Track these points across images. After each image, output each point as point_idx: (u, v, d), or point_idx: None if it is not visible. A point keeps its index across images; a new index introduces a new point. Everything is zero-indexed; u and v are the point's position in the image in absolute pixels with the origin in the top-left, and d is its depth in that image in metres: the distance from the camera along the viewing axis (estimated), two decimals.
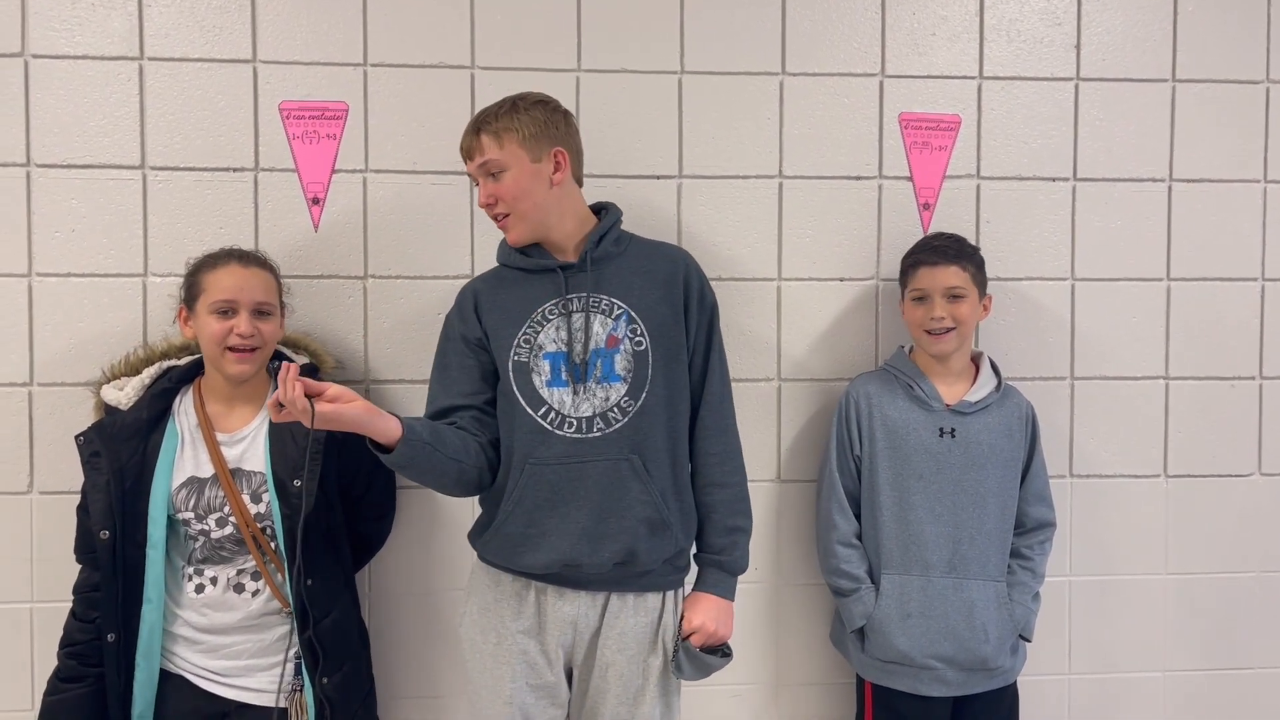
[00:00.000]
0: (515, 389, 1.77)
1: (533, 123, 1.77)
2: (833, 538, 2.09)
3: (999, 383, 2.13)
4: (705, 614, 1.81)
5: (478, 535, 1.86)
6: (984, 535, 2.04)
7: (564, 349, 1.77)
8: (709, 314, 1.88)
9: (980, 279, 2.09)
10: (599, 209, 1.91)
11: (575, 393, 1.76)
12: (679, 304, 1.84)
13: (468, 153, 1.81)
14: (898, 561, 2.05)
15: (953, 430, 2.06)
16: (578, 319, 1.78)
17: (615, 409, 1.77)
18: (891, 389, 2.11)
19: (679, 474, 1.83)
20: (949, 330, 2.04)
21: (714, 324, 1.90)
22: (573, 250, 1.84)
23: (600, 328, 1.79)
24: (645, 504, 1.76)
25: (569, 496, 1.74)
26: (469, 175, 1.86)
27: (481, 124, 1.79)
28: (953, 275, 2.05)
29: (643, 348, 1.79)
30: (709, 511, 1.85)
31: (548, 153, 1.78)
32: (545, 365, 1.77)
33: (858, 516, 2.11)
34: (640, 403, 1.77)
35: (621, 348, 1.78)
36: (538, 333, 1.79)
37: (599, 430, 1.76)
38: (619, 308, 1.80)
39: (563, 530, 1.73)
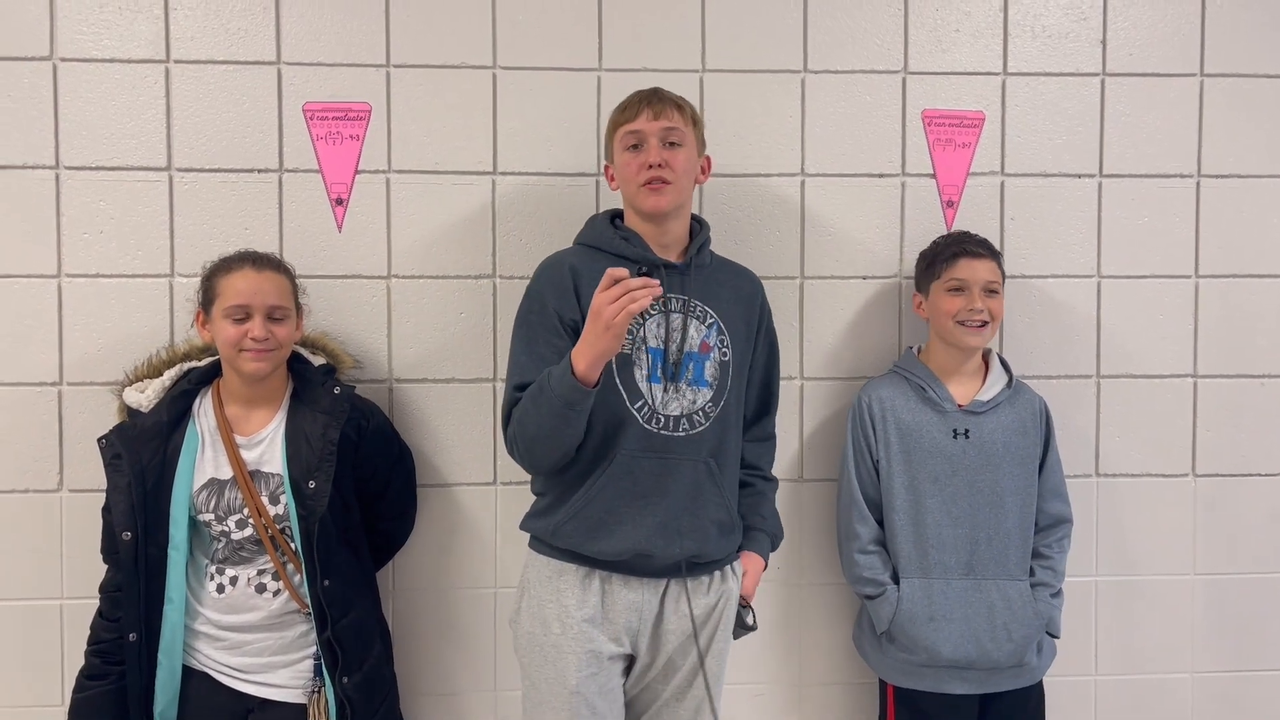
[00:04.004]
0: (616, 379, 1.77)
1: (701, 123, 1.93)
2: (853, 547, 2.08)
3: (1010, 379, 2.11)
4: (755, 574, 1.92)
5: (544, 519, 1.83)
6: (1003, 535, 2.03)
7: (661, 346, 1.80)
8: (770, 335, 1.99)
9: (1004, 280, 2.10)
10: (692, 220, 1.95)
11: (665, 390, 1.79)
12: (754, 324, 1.93)
13: (656, 113, 1.81)
14: (916, 565, 2.04)
15: (966, 431, 2.05)
16: (675, 319, 1.81)
17: (700, 413, 1.81)
18: (904, 392, 2.10)
19: (736, 478, 1.91)
20: (985, 324, 2.03)
21: (774, 346, 2.01)
22: (674, 252, 1.87)
23: (695, 332, 1.83)
24: (718, 506, 1.82)
25: (651, 490, 1.77)
26: (629, 134, 1.83)
27: (674, 99, 1.85)
28: (991, 270, 2.06)
29: (727, 358, 1.85)
30: (764, 492, 1.98)
31: (704, 154, 1.93)
32: (646, 359, 1.79)
33: (879, 522, 2.10)
34: (720, 409, 1.82)
35: (712, 355, 1.83)
36: (641, 325, 1.80)
37: (684, 431, 1.79)
38: (711, 316, 1.85)
39: (640, 521, 1.76)
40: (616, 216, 1.92)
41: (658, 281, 1.63)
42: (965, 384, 2.10)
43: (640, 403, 1.78)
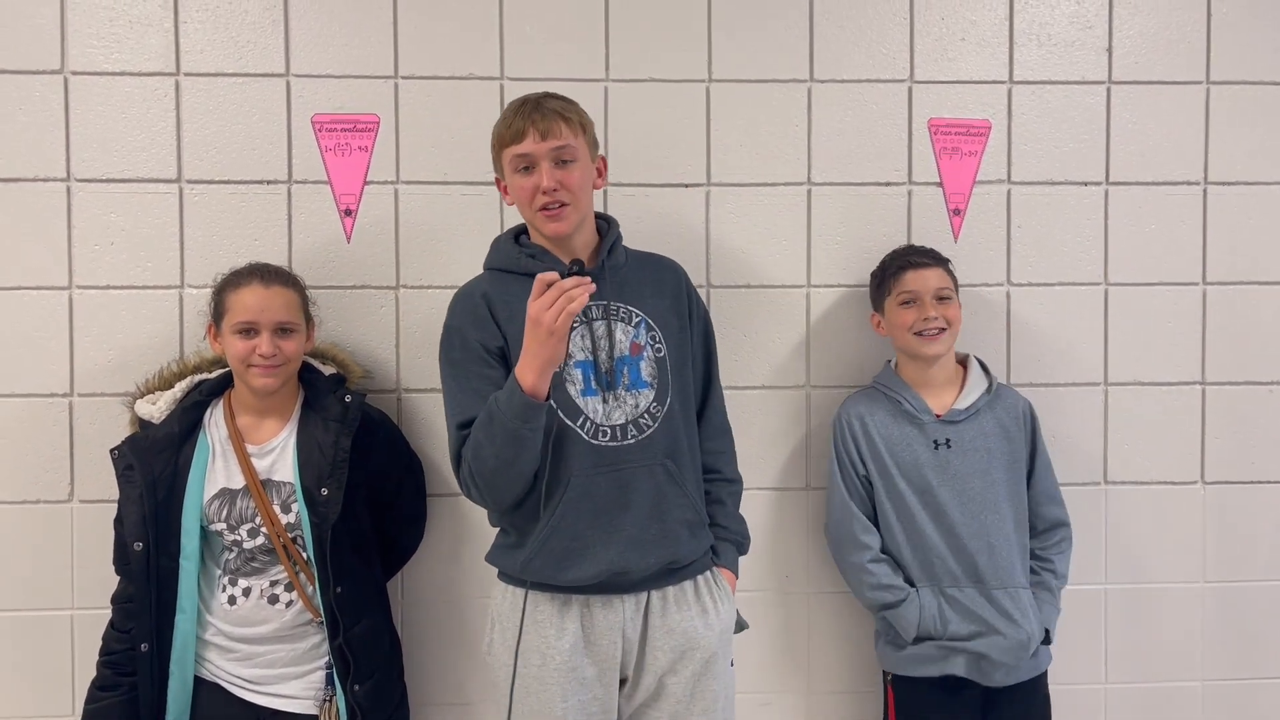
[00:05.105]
0: (551, 399, 1.70)
1: (592, 125, 1.83)
2: (865, 557, 2.06)
3: (989, 384, 2.10)
4: (731, 588, 1.88)
5: (511, 555, 1.79)
6: (1003, 538, 2.01)
7: (590, 357, 1.77)
8: (704, 321, 1.94)
9: (956, 286, 2.10)
10: (597, 219, 1.90)
11: (605, 401, 1.75)
12: (684, 312, 1.88)
13: (543, 133, 1.72)
14: (922, 577, 2.04)
15: (947, 441, 2.04)
16: (599, 326, 1.78)
17: (646, 415, 1.77)
18: (882, 407, 2.10)
19: (699, 474, 1.87)
20: (942, 330, 2.03)
21: (709, 330, 1.95)
22: (585, 257, 1.82)
23: (623, 335, 1.79)
24: (684, 506, 1.78)
25: (613, 505, 1.72)
26: (518, 158, 1.74)
27: (555, 107, 1.76)
28: (939, 277, 2.06)
29: (662, 354, 1.81)
30: (720, 498, 1.91)
31: (597, 157, 1.85)
32: (578, 374, 1.75)
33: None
34: (666, 408, 1.79)
35: (645, 354, 1.79)
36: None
37: (633, 437, 1.75)
38: (637, 315, 1.81)
39: (609, 540, 1.72)
40: (522, 233, 1.87)
41: (590, 279, 1.60)
42: (941, 393, 2.09)
43: (581, 419, 1.73)
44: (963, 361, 2.14)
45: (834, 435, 2.14)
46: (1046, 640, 2.04)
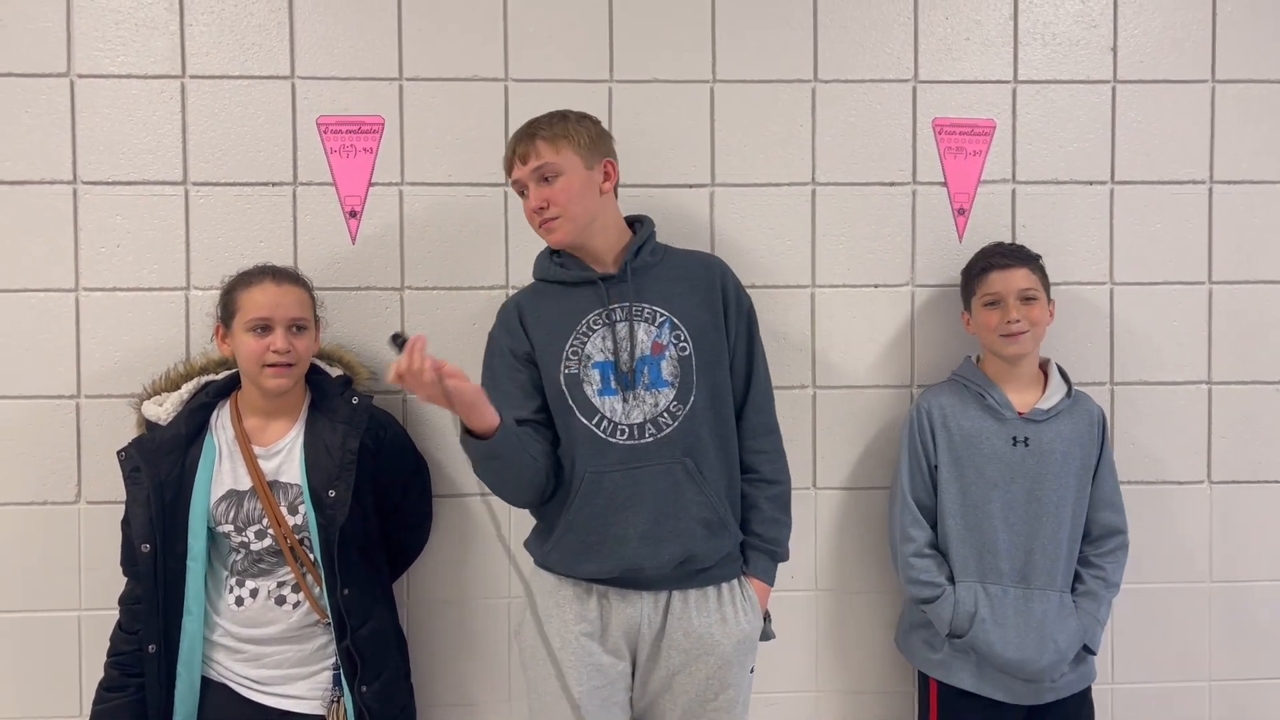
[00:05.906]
0: (569, 400, 1.80)
1: (586, 133, 1.85)
2: (909, 550, 2.07)
3: (1069, 389, 2.10)
4: (764, 598, 1.88)
5: (538, 544, 1.88)
6: (1055, 545, 2.02)
7: (611, 358, 1.81)
8: (746, 317, 1.93)
9: (1046, 283, 2.09)
10: (633, 221, 1.95)
11: (625, 400, 1.79)
12: (718, 309, 1.89)
13: (522, 158, 1.81)
14: (972, 570, 2.04)
15: (1026, 439, 2.04)
16: (621, 328, 1.82)
17: (665, 414, 1.80)
18: (963, 399, 2.10)
19: (731, 474, 1.87)
20: (1024, 332, 2.03)
21: (753, 327, 1.95)
22: (611, 261, 1.88)
23: (645, 335, 1.82)
24: (701, 505, 1.79)
25: (626, 502, 1.77)
26: (515, 184, 1.86)
27: (536, 130, 1.83)
28: (1024, 277, 2.05)
29: (686, 353, 1.83)
30: (756, 503, 1.90)
31: (599, 162, 1.86)
32: (595, 375, 1.80)
33: (933, 526, 2.10)
34: (689, 407, 1.81)
35: (667, 354, 1.82)
36: (584, 343, 1.82)
37: (651, 436, 1.79)
38: (661, 315, 1.84)
39: (622, 536, 1.76)
40: None
41: (421, 337, 1.57)
42: (1024, 392, 2.09)
43: (597, 418, 1.79)
44: (1043, 366, 2.14)
45: (909, 425, 2.13)
46: (1090, 649, 2.04)
